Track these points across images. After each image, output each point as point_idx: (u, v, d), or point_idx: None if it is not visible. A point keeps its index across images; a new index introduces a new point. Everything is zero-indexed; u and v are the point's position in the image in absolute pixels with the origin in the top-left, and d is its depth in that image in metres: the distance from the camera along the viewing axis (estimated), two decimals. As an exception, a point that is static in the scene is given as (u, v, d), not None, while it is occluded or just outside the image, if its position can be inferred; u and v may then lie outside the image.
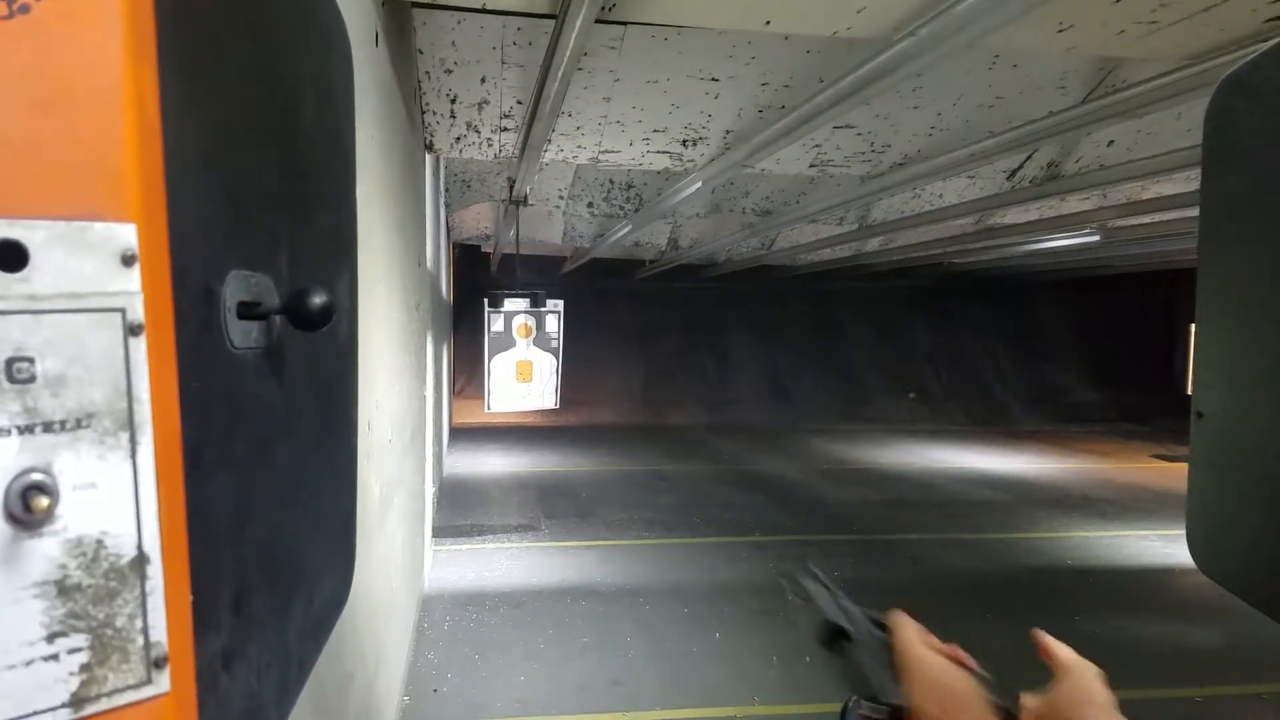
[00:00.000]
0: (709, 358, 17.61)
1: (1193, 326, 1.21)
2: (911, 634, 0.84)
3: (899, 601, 0.94)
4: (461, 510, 8.75)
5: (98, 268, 0.55)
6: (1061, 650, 0.85)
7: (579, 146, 5.47)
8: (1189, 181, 6.38)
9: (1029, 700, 0.80)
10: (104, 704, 0.56)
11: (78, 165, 0.55)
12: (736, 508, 9.22)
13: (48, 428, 0.54)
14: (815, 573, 0.93)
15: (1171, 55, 3.64)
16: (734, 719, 4.37)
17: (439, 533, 7.62)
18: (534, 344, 10.58)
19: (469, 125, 5.18)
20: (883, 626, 0.87)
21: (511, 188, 7.11)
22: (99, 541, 0.56)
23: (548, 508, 9.00)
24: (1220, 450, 1.16)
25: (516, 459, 12.10)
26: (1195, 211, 1.17)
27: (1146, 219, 8.22)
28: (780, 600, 6.03)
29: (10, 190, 0.52)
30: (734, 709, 4.45)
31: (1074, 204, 8.10)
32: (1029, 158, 6.28)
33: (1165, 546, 7.76)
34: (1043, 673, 0.83)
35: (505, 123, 5.16)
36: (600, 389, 16.25)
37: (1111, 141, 5.83)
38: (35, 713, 0.53)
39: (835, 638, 0.85)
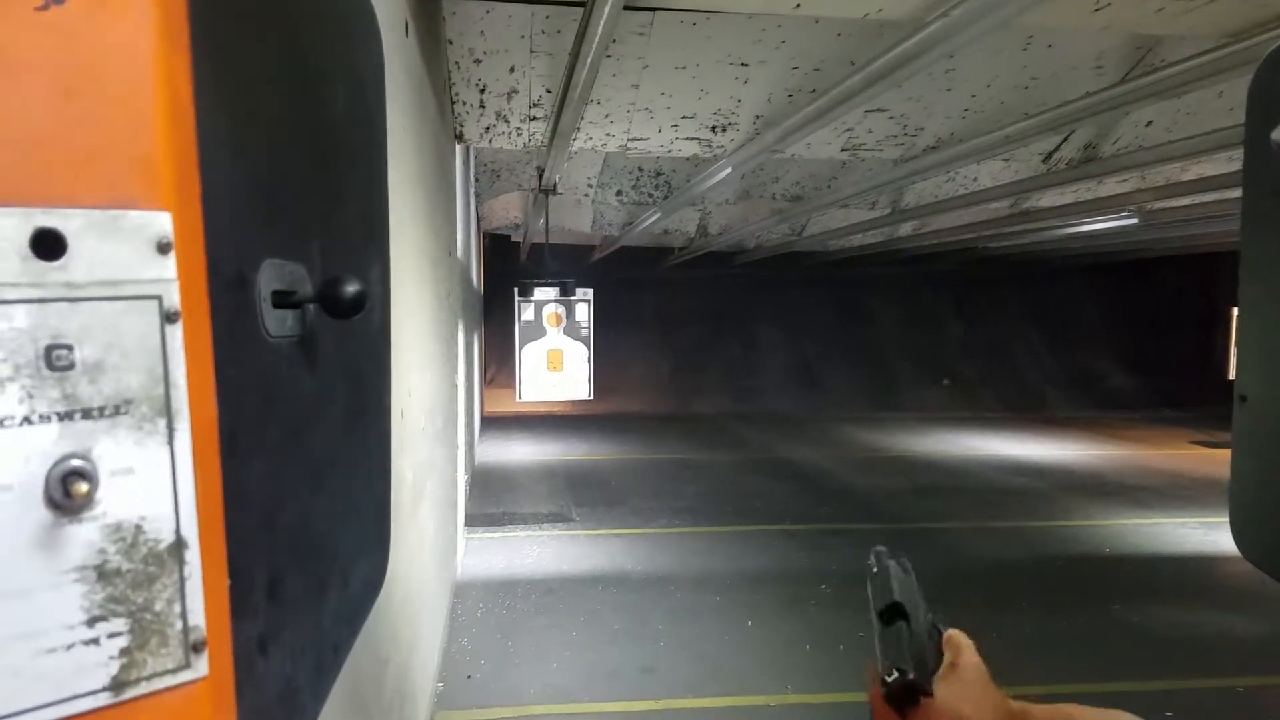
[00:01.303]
0: (736, 346, 17.55)
1: (1234, 310, 1.19)
2: (969, 643, 0.85)
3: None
4: (493, 498, 8.82)
5: (134, 255, 0.56)
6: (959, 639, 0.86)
7: (608, 134, 5.46)
8: (1231, 162, 6.23)
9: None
10: (144, 687, 0.57)
11: (113, 154, 0.55)
12: (766, 496, 9.19)
13: (86, 414, 0.54)
14: (901, 562, 0.96)
15: (1211, 33, 3.55)
16: (767, 707, 4.37)
17: (471, 521, 7.68)
18: (564, 333, 10.62)
19: (498, 115, 5.19)
20: (939, 632, 0.88)
21: (541, 177, 7.11)
22: (138, 527, 0.57)
23: (577, 496, 9.03)
24: (1264, 434, 1.14)
25: (546, 447, 12.16)
26: (1237, 193, 1.14)
27: (1186, 201, 8.05)
28: (813, 589, 6.02)
29: (47, 179, 0.53)
30: (767, 698, 4.45)
31: (1111, 186, 7.95)
32: (1065, 139, 6.18)
33: (1206, 534, 7.63)
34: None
35: (534, 112, 5.16)
36: (628, 377, 16.26)
37: (1150, 122, 5.71)
38: (76, 696, 0.54)
39: (894, 615, 0.86)
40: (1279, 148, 0.77)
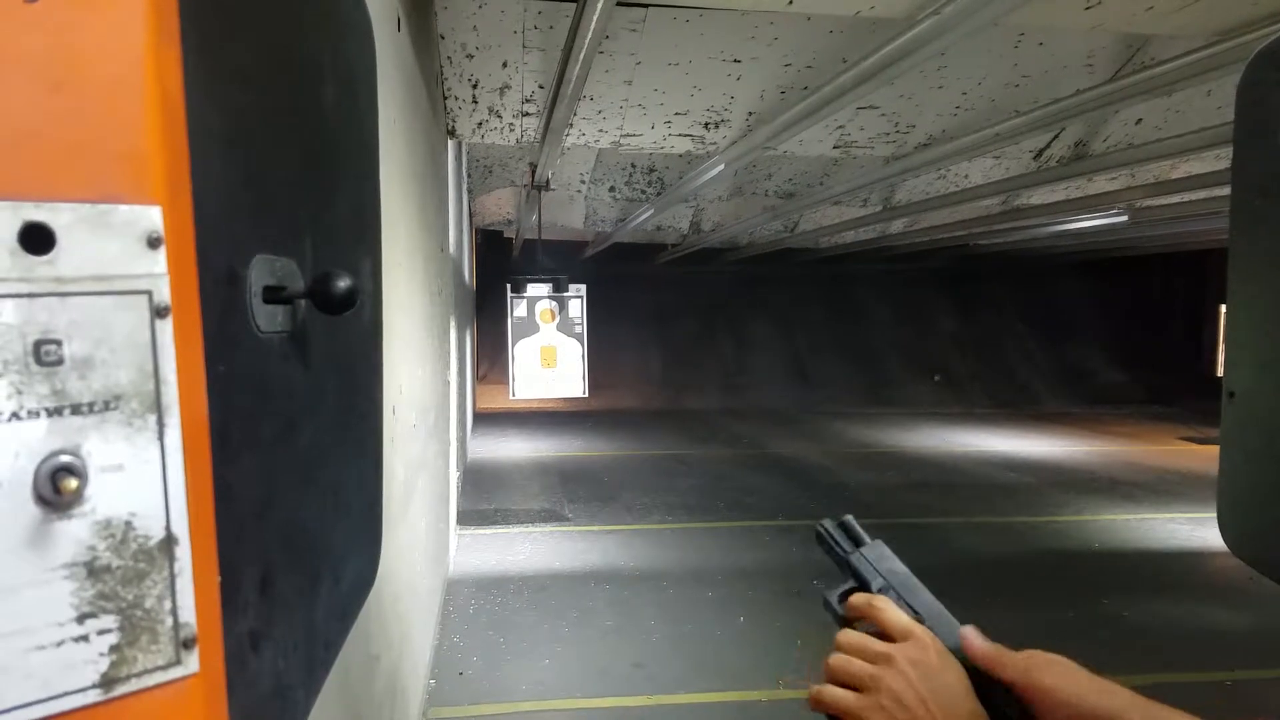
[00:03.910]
0: (729, 342, 17.57)
1: (1223, 307, 1.19)
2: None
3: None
4: (485, 495, 8.81)
5: (123, 250, 0.56)
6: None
7: (600, 130, 5.45)
8: (1219, 160, 6.26)
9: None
10: (134, 684, 0.57)
11: (103, 148, 0.55)
12: (758, 491, 9.21)
13: (76, 410, 0.54)
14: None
15: (1201, 31, 3.56)
16: (758, 702, 4.38)
17: (463, 518, 7.67)
18: (558, 329, 10.60)
19: (491, 110, 5.17)
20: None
21: (533, 172, 7.10)
22: (127, 523, 0.56)
23: (570, 492, 9.03)
24: (1252, 430, 1.14)
25: (538, 444, 12.15)
26: (1226, 190, 1.15)
27: (1175, 198, 8.09)
28: (805, 583, 6.02)
29: (36, 173, 0.52)
30: (758, 693, 4.46)
31: (1101, 184, 7.98)
32: (1056, 137, 6.19)
33: (1194, 529, 7.67)
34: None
35: (527, 107, 5.15)
36: (621, 373, 16.27)
37: (1140, 120, 5.73)
38: (65, 693, 0.54)
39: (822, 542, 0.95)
40: None
